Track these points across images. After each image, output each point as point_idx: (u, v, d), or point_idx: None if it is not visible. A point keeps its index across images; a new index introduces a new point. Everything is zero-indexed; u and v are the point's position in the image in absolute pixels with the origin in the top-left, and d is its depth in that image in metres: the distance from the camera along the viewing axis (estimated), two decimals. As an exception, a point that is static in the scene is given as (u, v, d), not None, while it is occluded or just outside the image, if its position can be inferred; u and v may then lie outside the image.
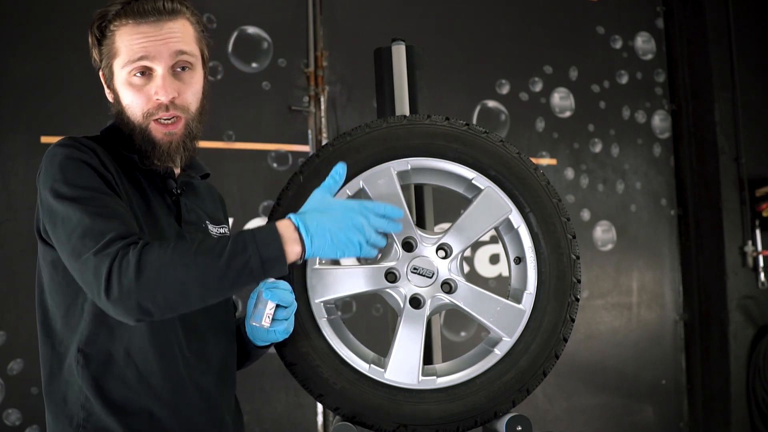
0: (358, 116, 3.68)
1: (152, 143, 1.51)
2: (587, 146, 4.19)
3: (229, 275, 1.30)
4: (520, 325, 1.59)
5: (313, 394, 1.59)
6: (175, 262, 1.29)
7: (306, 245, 1.35)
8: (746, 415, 4.10)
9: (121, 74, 1.50)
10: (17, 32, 3.19)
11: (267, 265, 1.32)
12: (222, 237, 1.34)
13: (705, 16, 4.28)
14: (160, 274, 1.28)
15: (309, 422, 3.50)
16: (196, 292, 1.31)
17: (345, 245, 1.36)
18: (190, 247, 1.31)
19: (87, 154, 1.44)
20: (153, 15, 1.48)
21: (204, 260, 1.29)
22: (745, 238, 4.17)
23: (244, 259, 1.29)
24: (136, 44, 1.47)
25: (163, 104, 1.49)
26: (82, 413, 1.43)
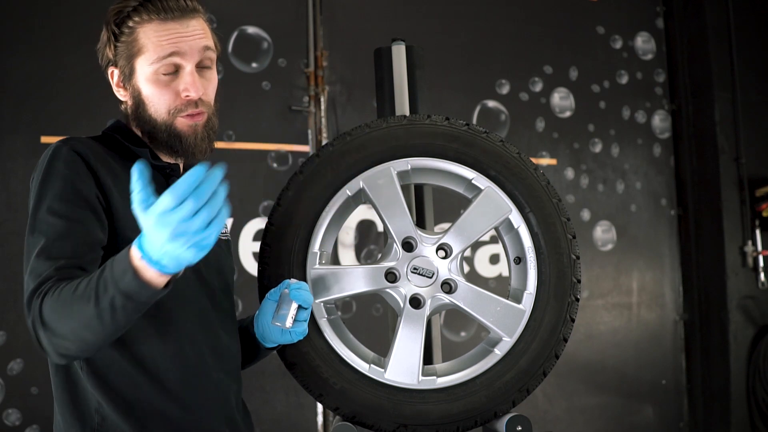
0: (358, 116, 3.67)
1: (179, 137, 1.50)
2: (587, 146, 4.19)
3: (105, 317, 1.23)
4: (520, 325, 1.59)
5: (313, 394, 1.59)
6: (59, 313, 1.27)
7: (146, 259, 1.19)
8: (746, 415, 4.10)
9: (147, 71, 1.48)
10: (17, 32, 3.19)
11: (133, 296, 1.21)
12: (94, 274, 1.25)
13: (705, 16, 4.28)
14: (58, 325, 1.27)
15: (309, 422, 3.50)
16: (89, 336, 1.27)
17: (188, 236, 1.14)
18: (70, 293, 1.26)
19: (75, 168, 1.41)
20: (177, 11, 1.47)
21: (79, 307, 1.24)
22: (745, 238, 4.17)
23: (108, 299, 1.22)
24: (166, 41, 1.46)
25: (193, 100, 1.49)
26: (96, 417, 1.41)
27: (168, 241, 1.13)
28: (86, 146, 1.45)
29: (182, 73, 1.48)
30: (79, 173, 1.40)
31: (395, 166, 1.61)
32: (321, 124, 3.63)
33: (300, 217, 1.60)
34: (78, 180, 1.40)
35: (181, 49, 1.47)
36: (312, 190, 1.61)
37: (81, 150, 1.42)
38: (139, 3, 1.49)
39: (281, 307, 1.48)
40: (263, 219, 3.49)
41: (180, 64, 1.48)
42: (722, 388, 4.12)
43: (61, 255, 1.34)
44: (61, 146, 1.43)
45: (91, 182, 1.41)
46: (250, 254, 3.48)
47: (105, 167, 1.44)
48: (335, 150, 1.62)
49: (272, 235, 1.61)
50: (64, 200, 1.38)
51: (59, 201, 1.38)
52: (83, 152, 1.42)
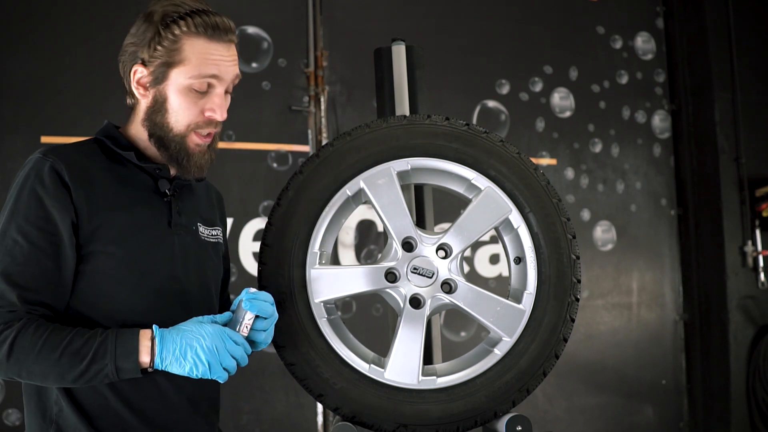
0: (358, 116, 3.67)
1: (187, 153, 1.54)
2: (587, 146, 4.19)
3: (86, 377, 1.40)
4: (520, 325, 1.59)
5: (313, 394, 1.59)
6: (41, 356, 1.38)
7: (156, 360, 1.41)
8: (746, 415, 4.09)
9: (181, 82, 1.50)
10: (17, 32, 3.19)
11: (121, 373, 1.40)
12: (91, 337, 1.40)
13: (705, 16, 4.28)
14: (27, 360, 1.38)
15: (309, 422, 3.50)
16: (55, 381, 1.42)
17: (194, 364, 1.41)
18: (59, 343, 1.39)
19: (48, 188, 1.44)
20: (225, 34, 1.53)
21: (67, 361, 1.38)
22: (745, 238, 4.17)
23: (101, 366, 1.39)
24: (211, 61, 1.51)
25: (214, 121, 1.54)
26: (55, 408, 1.48)
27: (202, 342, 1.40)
28: (65, 161, 1.47)
29: (212, 94, 1.53)
30: (53, 196, 1.44)
31: (395, 166, 1.61)
32: (321, 124, 3.63)
33: (300, 217, 1.60)
34: (51, 204, 1.44)
35: (221, 73, 1.52)
36: (312, 190, 1.61)
37: (58, 167, 1.46)
38: (188, 12, 1.51)
39: (237, 315, 1.50)
40: (263, 219, 3.49)
41: (214, 85, 1.52)
42: (722, 388, 4.12)
43: (23, 283, 1.41)
44: (42, 162, 1.46)
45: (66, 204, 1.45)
46: (250, 254, 3.48)
47: (80, 182, 1.47)
48: (335, 150, 1.62)
49: (272, 235, 1.60)
50: (34, 225, 1.43)
51: (30, 224, 1.43)
52: (59, 169, 1.46)
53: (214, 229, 1.69)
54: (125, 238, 1.49)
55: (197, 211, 1.66)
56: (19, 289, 1.40)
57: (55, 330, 1.40)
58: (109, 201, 1.49)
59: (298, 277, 1.59)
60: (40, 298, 1.42)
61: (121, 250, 1.48)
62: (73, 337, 1.40)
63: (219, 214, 1.77)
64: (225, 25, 1.53)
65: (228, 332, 1.44)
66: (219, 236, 1.71)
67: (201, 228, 1.65)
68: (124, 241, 1.49)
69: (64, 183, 1.45)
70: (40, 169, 1.45)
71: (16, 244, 1.42)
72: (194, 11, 1.51)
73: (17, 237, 1.42)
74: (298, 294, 1.59)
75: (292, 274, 1.59)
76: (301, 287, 1.59)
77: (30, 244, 1.42)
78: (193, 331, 1.42)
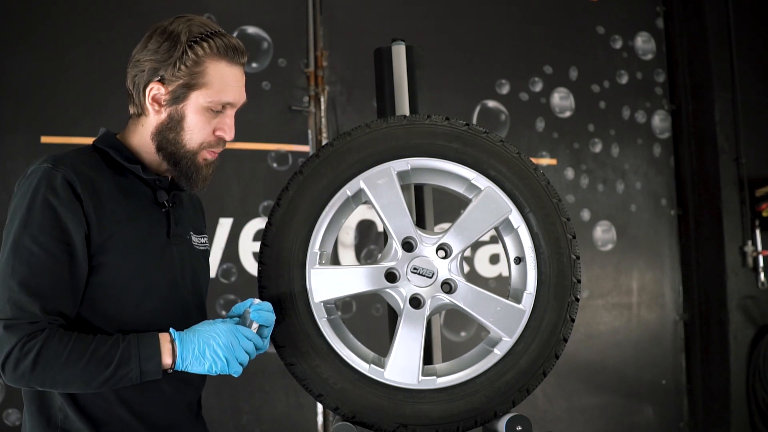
0: (358, 116, 3.67)
1: (197, 169, 1.59)
2: (587, 146, 4.19)
3: (111, 382, 1.44)
4: (520, 325, 1.59)
5: (313, 394, 1.60)
6: (68, 364, 1.41)
7: (177, 361, 1.46)
8: (746, 415, 4.10)
9: (200, 102, 1.55)
10: (17, 32, 3.19)
11: (144, 376, 1.45)
12: (115, 343, 1.45)
13: (705, 16, 4.28)
14: (53, 370, 1.41)
15: (309, 422, 3.50)
16: (79, 387, 1.45)
17: (213, 363, 1.46)
18: (85, 351, 1.42)
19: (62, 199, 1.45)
20: (241, 57, 1.60)
21: (94, 368, 1.42)
22: (745, 238, 4.17)
23: (126, 371, 1.43)
24: (230, 87, 1.58)
25: (224, 140, 1.60)
26: (60, 415, 1.49)
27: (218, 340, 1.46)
28: (75, 171, 1.48)
29: (224, 116, 1.59)
30: (67, 207, 1.45)
31: (395, 166, 1.61)
32: (321, 124, 3.63)
33: (300, 217, 1.60)
34: (66, 215, 1.45)
35: (236, 101, 1.60)
36: (312, 190, 1.61)
37: (71, 178, 1.47)
38: (210, 33, 1.55)
39: (243, 322, 1.54)
40: (263, 219, 3.49)
41: (227, 108, 1.59)
42: (722, 388, 4.12)
43: (41, 293, 1.42)
44: (54, 172, 1.46)
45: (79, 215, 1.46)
46: (250, 254, 3.48)
47: (90, 193, 1.48)
48: (335, 150, 1.62)
49: (272, 235, 1.61)
50: (49, 234, 1.44)
51: (45, 234, 1.44)
52: (72, 180, 1.47)
53: (202, 237, 1.73)
54: (132, 250, 1.52)
55: (189, 221, 1.70)
56: (40, 299, 1.42)
57: (78, 339, 1.43)
58: (116, 213, 1.52)
59: (298, 277, 1.59)
60: (59, 308, 1.44)
61: (129, 261, 1.51)
62: (97, 345, 1.43)
63: (203, 222, 1.81)
64: (241, 49, 1.60)
65: (240, 328, 1.49)
66: (207, 244, 1.75)
67: (193, 237, 1.69)
68: (130, 252, 1.52)
69: (76, 195, 1.46)
70: (52, 179, 1.45)
71: (32, 254, 1.43)
72: (215, 33, 1.56)
73: (33, 247, 1.43)
74: (298, 294, 1.59)
75: (292, 274, 1.59)
76: (301, 287, 1.59)
77: (46, 253, 1.43)
78: (208, 331, 1.47)
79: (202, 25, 1.56)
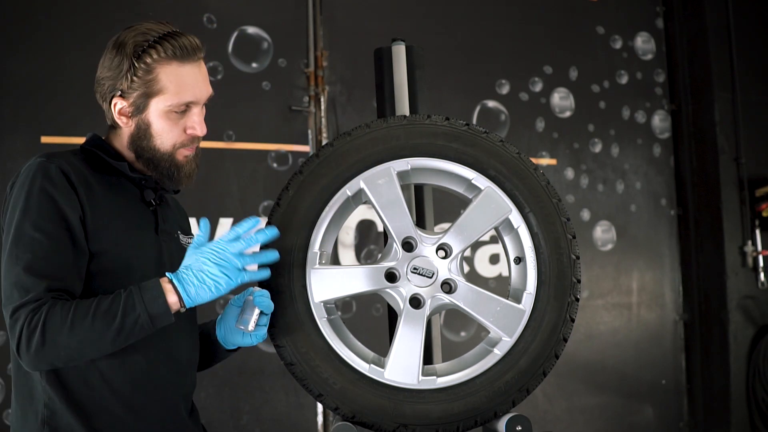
0: (358, 116, 3.67)
1: (178, 167, 1.62)
2: (587, 146, 4.19)
3: (123, 333, 1.44)
4: (520, 325, 1.59)
5: (313, 394, 1.60)
6: (74, 327, 1.42)
7: (183, 296, 1.47)
8: (746, 415, 4.09)
9: (161, 108, 1.57)
10: (17, 32, 3.19)
11: (155, 320, 1.45)
12: (117, 295, 1.45)
13: (705, 16, 4.28)
14: (62, 338, 1.42)
15: (309, 422, 3.50)
16: (94, 349, 1.45)
17: (216, 284, 1.47)
18: (88, 309, 1.43)
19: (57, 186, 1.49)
20: (194, 53, 1.58)
21: (101, 324, 1.42)
22: (745, 238, 4.17)
23: (134, 317, 1.44)
24: (187, 87, 1.57)
25: (197, 137, 1.62)
26: (46, 411, 1.49)
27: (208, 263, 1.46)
28: (68, 163, 1.53)
29: (191, 113, 1.60)
30: (63, 194, 1.49)
31: (395, 166, 1.61)
32: (321, 124, 3.63)
33: (300, 217, 1.60)
34: (62, 201, 1.48)
35: (196, 98, 1.59)
36: (312, 190, 1.61)
37: (65, 169, 1.51)
38: (156, 38, 1.55)
39: (245, 312, 1.56)
40: (263, 219, 3.49)
41: (191, 105, 1.60)
42: (722, 388, 4.12)
43: (46, 274, 1.45)
44: (47, 164, 1.51)
45: (74, 202, 1.50)
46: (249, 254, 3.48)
47: (83, 185, 1.52)
48: (335, 150, 1.62)
49: (272, 235, 1.60)
50: (49, 220, 1.47)
51: (45, 219, 1.47)
52: (66, 171, 1.51)
53: (189, 237, 1.76)
54: (122, 241, 1.55)
55: (176, 220, 1.75)
56: (46, 279, 1.44)
57: (80, 302, 1.44)
58: (106, 207, 1.55)
59: (298, 277, 1.59)
60: (65, 286, 1.46)
61: (119, 252, 1.54)
62: (99, 301, 1.44)
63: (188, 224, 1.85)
64: (192, 44, 1.58)
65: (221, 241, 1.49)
66: None
67: (181, 236, 1.72)
68: (121, 244, 1.54)
69: (71, 183, 1.50)
70: (47, 169, 1.49)
71: (34, 240, 1.45)
72: (161, 36, 1.55)
73: (34, 234, 1.46)
74: (298, 294, 1.59)
75: (292, 274, 1.59)
76: (301, 287, 1.59)
77: (48, 237, 1.46)
78: (197, 259, 1.48)
79: (148, 31, 1.56)
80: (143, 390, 1.55)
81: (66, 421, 1.49)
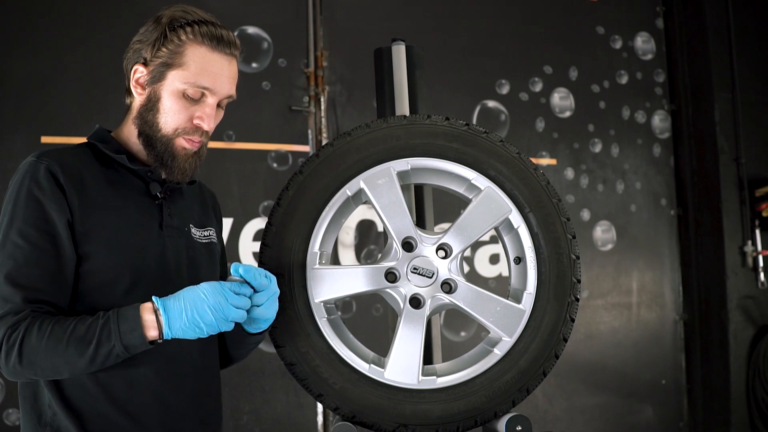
0: (358, 116, 3.67)
1: (172, 155, 1.58)
2: (587, 146, 4.19)
3: (97, 360, 1.42)
4: (520, 325, 1.59)
5: (313, 394, 1.59)
6: (49, 350, 1.40)
7: (165, 331, 1.41)
8: (746, 415, 4.10)
9: (176, 85, 1.54)
10: (17, 32, 3.19)
11: (131, 350, 1.42)
12: (94, 320, 1.42)
13: (705, 16, 4.28)
14: (38, 358, 1.41)
15: (309, 422, 3.50)
16: (68, 371, 1.43)
17: (202, 327, 1.41)
18: (63, 333, 1.40)
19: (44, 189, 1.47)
20: (228, 48, 1.57)
21: (74, 349, 1.40)
22: (745, 238, 4.17)
23: (108, 348, 1.41)
24: (209, 72, 1.55)
25: (201, 130, 1.58)
26: (49, 412, 1.49)
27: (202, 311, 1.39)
28: (59, 163, 1.51)
29: (204, 104, 1.56)
30: (50, 197, 1.47)
31: (395, 166, 1.61)
32: (321, 124, 3.63)
33: (300, 217, 1.60)
34: (49, 204, 1.47)
35: (215, 87, 1.56)
36: (312, 190, 1.61)
37: (54, 169, 1.49)
38: (196, 20, 1.55)
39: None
40: (263, 219, 3.49)
41: (207, 95, 1.56)
42: (722, 388, 4.12)
43: (27, 284, 1.44)
44: (37, 164, 1.50)
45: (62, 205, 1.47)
46: (250, 254, 3.48)
47: (74, 184, 1.50)
48: (335, 150, 1.62)
49: (272, 235, 1.61)
50: (34, 226, 1.46)
51: (30, 226, 1.46)
52: (55, 171, 1.49)
53: (207, 230, 1.71)
54: (117, 240, 1.52)
55: (189, 214, 1.69)
56: (24, 290, 1.43)
57: (58, 322, 1.42)
58: (101, 204, 1.52)
59: (298, 277, 1.59)
60: (44, 297, 1.45)
61: (114, 252, 1.51)
62: (76, 325, 1.41)
63: (213, 216, 1.79)
64: (229, 38, 1.57)
65: (225, 285, 1.44)
66: (212, 237, 1.73)
67: (193, 230, 1.67)
68: (116, 242, 1.52)
69: (59, 184, 1.48)
70: (35, 171, 1.49)
71: (17, 247, 1.45)
72: (202, 21, 1.56)
73: (18, 240, 1.45)
74: (298, 294, 1.59)
75: (292, 274, 1.59)
76: (301, 287, 1.59)
77: (31, 245, 1.45)
78: (193, 295, 1.42)
79: (190, 12, 1.57)
80: (141, 395, 1.52)
81: (64, 424, 1.48)
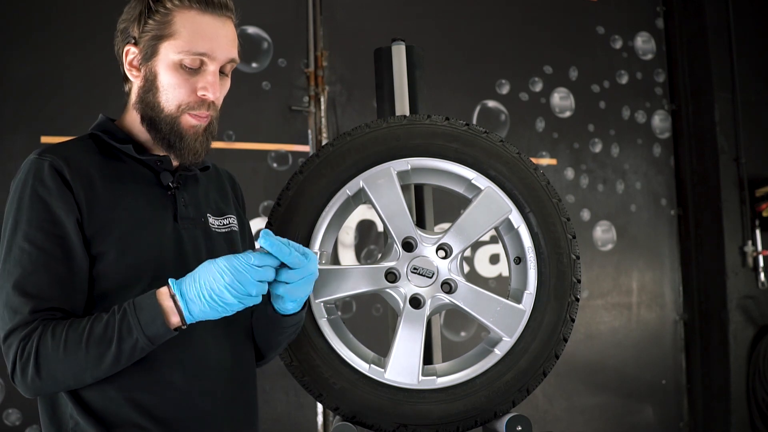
0: (358, 116, 3.67)
1: (180, 135, 1.46)
2: (587, 146, 4.19)
3: (122, 359, 1.33)
4: (520, 325, 1.59)
5: (313, 394, 1.60)
6: (68, 357, 1.32)
7: (186, 317, 1.32)
8: (746, 415, 4.09)
9: (171, 57, 1.43)
10: (17, 32, 3.19)
11: (156, 340, 1.33)
12: (111, 317, 1.33)
13: (705, 16, 4.28)
14: (57, 369, 1.32)
15: (309, 422, 3.50)
16: (91, 376, 1.35)
17: (224, 306, 1.31)
18: (81, 336, 1.32)
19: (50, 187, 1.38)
20: (219, 9, 1.46)
21: (95, 351, 1.32)
22: (745, 238, 4.17)
23: (131, 343, 1.32)
24: (203, 36, 1.43)
25: (207, 101, 1.46)
26: (71, 422, 1.40)
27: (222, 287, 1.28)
28: (64, 158, 1.41)
29: (204, 72, 1.45)
30: (57, 195, 1.38)
31: (395, 166, 1.61)
32: (321, 124, 3.63)
33: (300, 217, 1.60)
34: (56, 204, 1.38)
35: (212, 51, 1.44)
36: (312, 190, 1.61)
37: (58, 165, 1.39)
38: None
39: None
40: (263, 219, 3.49)
41: (206, 62, 1.45)
42: (722, 388, 4.12)
43: (36, 292, 1.35)
44: (40, 162, 1.40)
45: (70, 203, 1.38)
46: (250, 254, 3.48)
47: (81, 180, 1.41)
48: (335, 150, 1.62)
49: (272, 235, 1.60)
50: (40, 229, 1.36)
51: (36, 229, 1.36)
52: (60, 168, 1.39)
53: (225, 218, 1.60)
54: (130, 238, 1.42)
55: (206, 202, 1.58)
56: (33, 299, 1.34)
57: (71, 325, 1.33)
58: (110, 200, 1.42)
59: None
60: (56, 305, 1.36)
61: (128, 251, 1.41)
62: (92, 325, 1.32)
63: (233, 198, 1.69)
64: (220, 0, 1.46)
65: (244, 257, 1.31)
66: (232, 224, 1.62)
67: (211, 219, 1.56)
68: (129, 241, 1.41)
69: (65, 181, 1.39)
70: (39, 169, 1.39)
71: (23, 252, 1.35)
72: None
73: (24, 245, 1.36)
74: (298, 294, 1.58)
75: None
76: (301, 287, 1.59)
77: (39, 250, 1.35)
78: (209, 273, 1.31)
79: None
80: (167, 401, 1.42)
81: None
